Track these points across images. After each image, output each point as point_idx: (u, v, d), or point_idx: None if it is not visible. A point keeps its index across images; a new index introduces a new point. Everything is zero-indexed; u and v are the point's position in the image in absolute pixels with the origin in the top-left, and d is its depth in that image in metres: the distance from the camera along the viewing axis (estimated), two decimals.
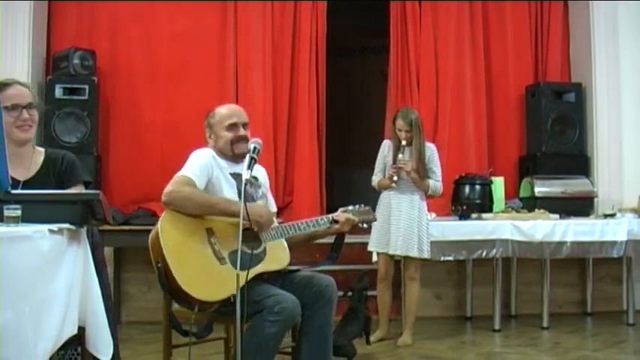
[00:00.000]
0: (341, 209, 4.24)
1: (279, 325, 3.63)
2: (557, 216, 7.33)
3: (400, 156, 6.34)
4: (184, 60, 8.20)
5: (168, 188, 3.87)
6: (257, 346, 3.60)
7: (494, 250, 6.89)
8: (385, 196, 6.51)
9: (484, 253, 6.87)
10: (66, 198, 2.94)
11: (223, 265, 3.82)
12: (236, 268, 3.52)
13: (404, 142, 6.34)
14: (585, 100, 8.55)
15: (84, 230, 3.08)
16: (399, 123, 6.38)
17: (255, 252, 3.85)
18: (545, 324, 7.18)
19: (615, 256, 7.23)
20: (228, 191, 4.05)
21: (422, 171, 6.38)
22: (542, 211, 7.37)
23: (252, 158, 3.79)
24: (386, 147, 6.61)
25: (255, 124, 7.92)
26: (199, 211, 3.88)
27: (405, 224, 6.35)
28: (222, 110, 4.28)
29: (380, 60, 9.10)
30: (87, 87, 7.59)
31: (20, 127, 3.71)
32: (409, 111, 6.53)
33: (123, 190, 7.85)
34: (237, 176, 4.05)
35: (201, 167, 4.01)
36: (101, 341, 3.14)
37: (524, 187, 8.07)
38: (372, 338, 6.15)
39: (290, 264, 4.14)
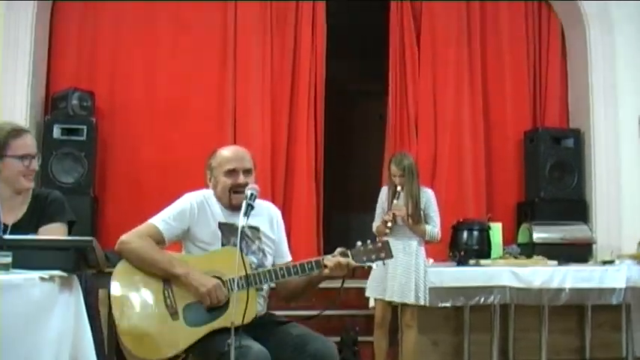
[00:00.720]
0: (338, 250, 3.79)
1: None
2: (555, 262, 7.27)
3: (395, 202, 6.27)
4: (183, 100, 8.22)
5: (123, 237, 3.75)
6: None
7: (492, 297, 6.82)
8: None
9: (482, 300, 6.80)
10: (58, 244, 2.89)
11: (175, 321, 3.61)
12: (190, 324, 3.52)
13: (399, 188, 6.28)
14: (584, 145, 8.55)
15: (75, 276, 3.02)
16: (393, 169, 6.34)
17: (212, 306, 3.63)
18: None
19: (614, 303, 7.15)
20: (207, 245, 3.84)
21: (416, 216, 6.27)
22: (540, 257, 7.32)
23: (248, 205, 3.61)
24: (384, 193, 6.54)
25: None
26: (143, 268, 3.67)
27: (401, 271, 6.21)
28: (224, 153, 3.99)
29: (379, 104, 9.10)
30: (85, 127, 7.60)
31: (27, 176, 3.70)
32: (403, 156, 6.47)
33: (120, 231, 7.62)
34: (228, 227, 3.85)
35: (178, 215, 3.84)
36: None
37: (522, 233, 8.02)
38: None
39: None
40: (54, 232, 3.72)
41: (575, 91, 8.86)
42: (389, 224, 6.20)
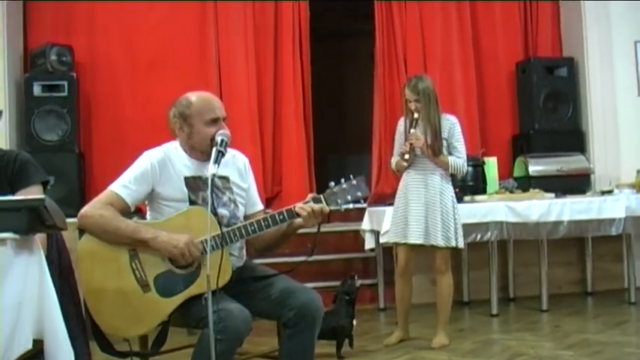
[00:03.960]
0: (310, 196, 3.60)
1: (224, 344, 3.20)
2: (552, 195, 7.16)
3: (412, 131, 5.66)
4: (164, 51, 8.07)
5: (82, 210, 3.53)
6: None
7: (489, 233, 6.71)
8: (403, 180, 5.83)
9: (478, 237, 6.68)
10: (8, 205, 2.72)
11: (147, 294, 3.44)
12: (163, 294, 3.41)
13: (416, 115, 5.64)
14: (578, 74, 8.40)
15: (36, 238, 2.88)
16: (407, 93, 5.67)
17: (183, 272, 3.47)
18: (544, 306, 7.00)
19: (614, 233, 7.04)
20: (174, 203, 3.60)
21: (437, 146, 5.64)
22: (537, 190, 7.19)
23: (219, 152, 3.44)
24: (401, 124, 5.89)
25: (240, 112, 7.86)
26: (109, 239, 3.47)
27: (425, 209, 5.67)
28: (199, 101, 3.69)
29: (368, 44, 8.90)
30: (65, 83, 7.44)
31: None
32: (418, 79, 5.73)
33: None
34: (195, 180, 3.65)
35: (139, 177, 3.60)
36: (61, 355, 2.95)
37: (518, 167, 7.89)
38: (392, 339, 5.82)
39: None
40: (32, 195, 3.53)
41: (568, 19, 8.67)
42: (406, 156, 5.64)
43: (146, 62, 8.03)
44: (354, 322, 5.52)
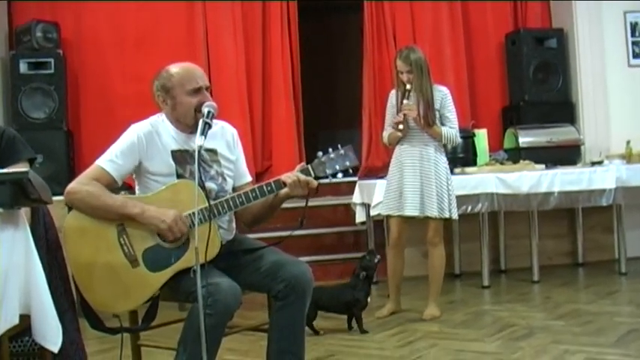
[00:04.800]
0: (298, 167, 3.53)
1: (213, 318, 3.18)
2: (542, 166, 7.15)
3: (405, 102, 5.61)
4: (152, 27, 8.02)
5: (70, 186, 3.48)
6: (195, 335, 3.14)
7: (480, 205, 6.70)
8: (396, 152, 5.81)
9: (469, 209, 6.67)
10: None
11: (135, 269, 3.40)
12: (152, 269, 3.37)
13: (408, 86, 5.60)
14: (567, 45, 8.36)
15: (22, 212, 2.85)
16: (399, 64, 5.64)
17: (171, 246, 3.42)
18: (535, 277, 7.02)
19: (604, 204, 7.04)
20: (162, 177, 3.57)
21: (430, 117, 5.60)
22: (527, 161, 7.18)
23: (205, 124, 3.36)
24: (392, 96, 5.86)
25: (228, 88, 7.83)
26: (96, 215, 3.42)
27: (420, 181, 5.65)
28: (180, 71, 3.62)
29: (357, 18, 8.85)
30: (52, 60, 7.39)
31: None
32: (410, 50, 5.70)
33: None
34: (182, 154, 3.59)
35: (126, 151, 3.54)
36: (48, 329, 2.94)
37: (508, 138, 7.87)
38: (384, 312, 5.83)
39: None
40: None
41: None
42: (400, 126, 5.61)
43: (133, 38, 7.96)
44: (369, 298, 5.51)
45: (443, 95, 5.73)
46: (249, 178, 3.91)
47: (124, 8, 7.94)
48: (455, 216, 5.81)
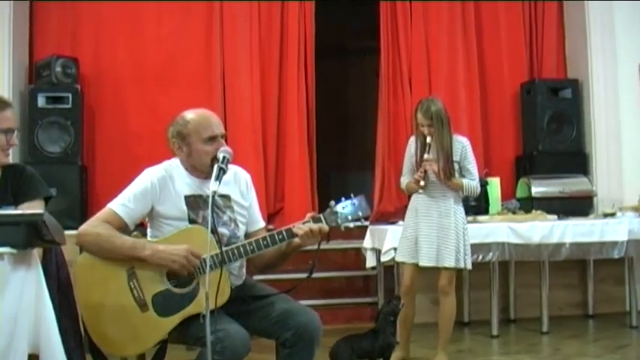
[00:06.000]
0: (309, 215, 3.58)
1: None
2: (555, 217, 7.13)
3: (426, 155, 5.60)
4: (171, 64, 8.05)
5: (81, 228, 3.51)
6: None
7: (490, 254, 6.69)
8: (414, 201, 5.81)
9: (480, 257, 6.65)
10: (7, 219, 2.70)
11: (144, 313, 3.43)
12: (161, 314, 3.40)
13: (429, 139, 5.59)
14: (582, 96, 8.37)
15: (34, 252, 2.87)
16: (419, 117, 5.63)
17: (181, 292, 3.46)
18: (544, 328, 6.98)
19: (616, 256, 7.01)
20: (174, 222, 3.59)
21: (450, 170, 5.62)
22: (539, 212, 7.18)
23: (220, 169, 3.41)
24: (412, 144, 5.85)
25: (243, 127, 7.86)
26: (107, 257, 3.45)
27: (437, 233, 5.63)
28: (196, 118, 3.66)
29: (373, 61, 8.90)
30: (70, 95, 7.45)
31: (5, 150, 3.55)
32: (430, 102, 5.68)
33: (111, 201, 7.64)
34: (196, 199, 3.62)
35: (138, 195, 3.58)
36: None
37: (520, 188, 7.86)
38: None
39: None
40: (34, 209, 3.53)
41: (573, 41, 8.66)
42: (421, 183, 5.60)
43: (152, 75, 8.02)
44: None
45: (463, 146, 5.73)
46: (262, 224, 3.93)
47: (142, 45, 8.03)
48: (469, 266, 5.81)
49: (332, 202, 3.55)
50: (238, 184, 3.83)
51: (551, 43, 8.70)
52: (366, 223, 7.17)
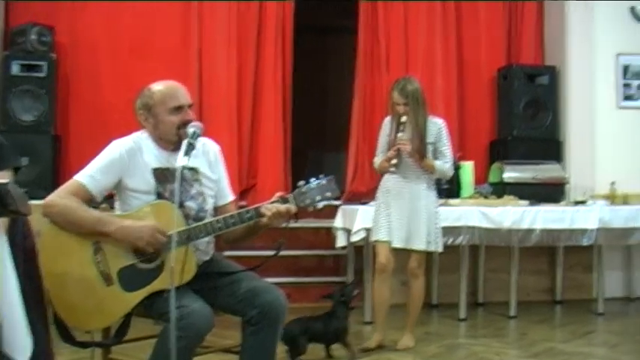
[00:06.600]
0: (277, 195, 3.54)
1: (184, 341, 3.17)
2: (526, 202, 7.17)
3: (400, 134, 5.55)
4: (147, 36, 7.97)
5: (48, 198, 3.49)
6: (165, 357, 3.15)
7: (461, 238, 6.73)
8: (386, 181, 5.77)
9: (450, 241, 6.67)
10: None
11: (109, 287, 3.41)
12: (126, 288, 3.38)
13: (404, 119, 5.54)
14: (558, 83, 8.39)
15: None
16: (395, 96, 5.58)
17: (147, 267, 3.44)
18: (512, 313, 7.05)
19: (585, 244, 7.09)
20: (142, 195, 3.56)
21: (423, 150, 5.57)
22: (511, 197, 7.21)
23: (190, 144, 3.36)
24: (387, 124, 5.80)
25: (218, 102, 7.83)
26: (72, 229, 3.43)
27: (409, 215, 5.61)
28: (163, 89, 3.63)
29: (352, 40, 8.87)
30: (45, 64, 7.36)
31: None
32: (407, 81, 5.65)
33: None
34: (163, 172, 3.58)
35: (106, 167, 3.55)
36: (18, 340, 2.90)
37: (493, 172, 7.89)
38: (370, 344, 5.67)
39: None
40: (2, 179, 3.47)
41: (551, 27, 8.68)
42: (393, 161, 5.55)
43: (128, 47, 7.93)
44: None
45: (439, 128, 5.72)
46: (231, 198, 3.90)
47: (120, 16, 7.92)
48: (440, 249, 5.82)
49: (301, 183, 3.53)
50: (207, 157, 3.80)
51: (530, 29, 8.71)
52: (338, 202, 7.17)
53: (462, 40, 8.56)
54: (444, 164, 5.69)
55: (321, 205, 3.53)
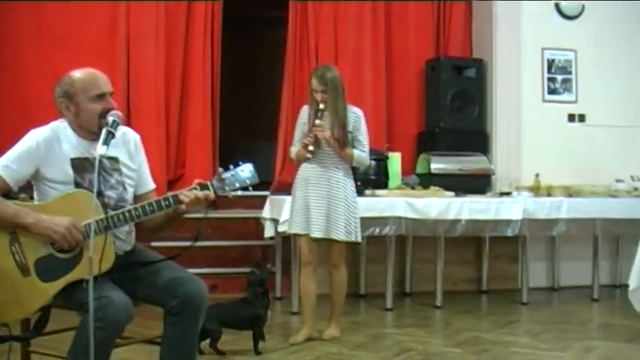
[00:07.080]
0: (195, 181, 3.50)
1: (103, 332, 3.13)
2: (452, 193, 7.25)
3: (317, 121, 5.50)
4: (74, 26, 7.83)
5: None
6: (84, 348, 3.11)
7: (387, 228, 6.78)
8: (304, 170, 5.72)
9: (377, 231, 6.74)
10: None
11: (27, 278, 3.31)
12: (44, 279, 3.30)
13: (322, 106, 5.49)
14: (486, 76, 8.51)
15: None
16: (314, 83, 5.53)
17: (64, 256, 3.36)
18: (438, 303, 7.11)
19: (510, 234, 7.21)
20: (60, 185, 3.47)
21: (343, 139, 5.54)
22: (437, 188, 7.29)
23: (109, 133, 3.32)
24: (304, 112, 5.74)
25: (146, 92, 7.75)
26: None
27: (327, 204, 5.57)
28: (83, 77, 3.52)
29: (282, 31, 8.85)
30: None
31: None
32: (325, 69, 5.65)
33: None
34: (82, 162, 3.50)
35: (22, 156, 3.44)
36: None
37: (420, 163, 7.95)
38: (298, 338, 5.61)
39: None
40: None
41: (479, 21, 8.79)
42: (310, 147, 5.49)
43: (53, 38, 7.77)
44: (269, 312, 5.46)
45: (356, 117, 5.68)
46: (152, 186, 3.84)
47: (44, 6, 7.77)
48: (359, 239, 5.80)
49: (220, 169, 3.52)
50: (127, 146, 3.73)
51: (458, 24, 8.82)
52: (266, 192, 7.17)
53: (391, 32, 8.60)
54: (361, 153, 5.68)
55: (240, 192, 3.51)
